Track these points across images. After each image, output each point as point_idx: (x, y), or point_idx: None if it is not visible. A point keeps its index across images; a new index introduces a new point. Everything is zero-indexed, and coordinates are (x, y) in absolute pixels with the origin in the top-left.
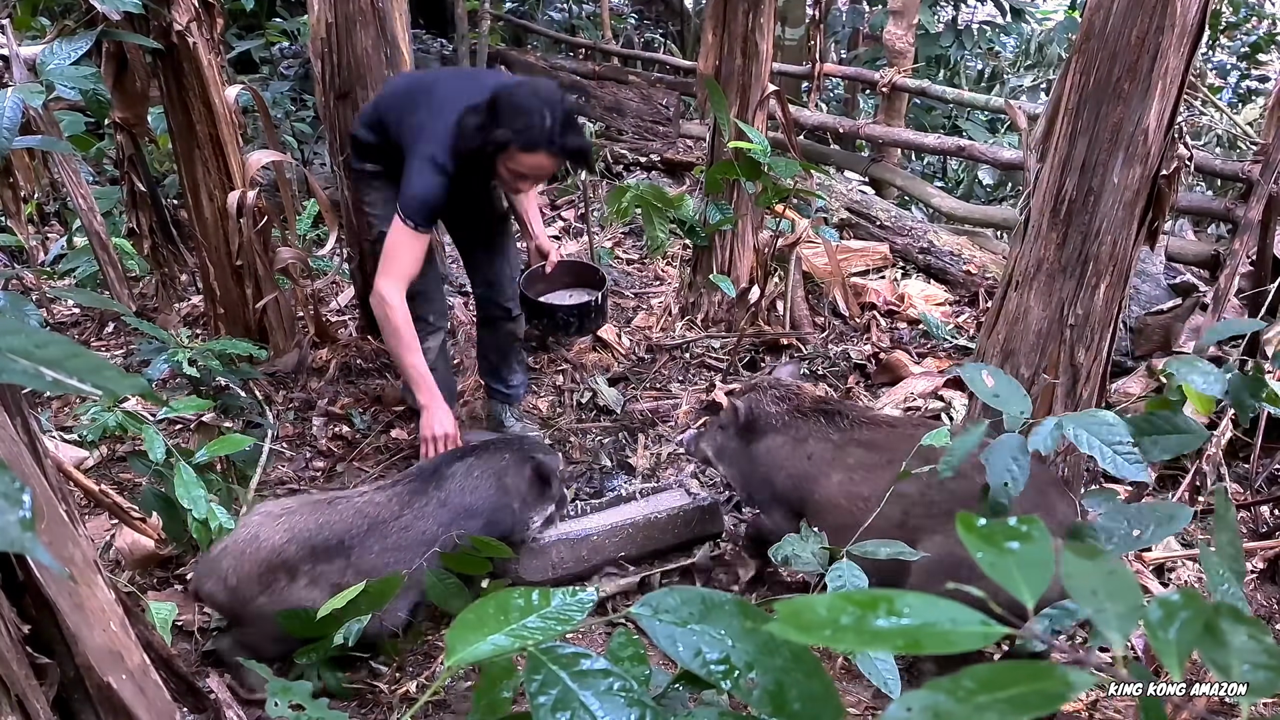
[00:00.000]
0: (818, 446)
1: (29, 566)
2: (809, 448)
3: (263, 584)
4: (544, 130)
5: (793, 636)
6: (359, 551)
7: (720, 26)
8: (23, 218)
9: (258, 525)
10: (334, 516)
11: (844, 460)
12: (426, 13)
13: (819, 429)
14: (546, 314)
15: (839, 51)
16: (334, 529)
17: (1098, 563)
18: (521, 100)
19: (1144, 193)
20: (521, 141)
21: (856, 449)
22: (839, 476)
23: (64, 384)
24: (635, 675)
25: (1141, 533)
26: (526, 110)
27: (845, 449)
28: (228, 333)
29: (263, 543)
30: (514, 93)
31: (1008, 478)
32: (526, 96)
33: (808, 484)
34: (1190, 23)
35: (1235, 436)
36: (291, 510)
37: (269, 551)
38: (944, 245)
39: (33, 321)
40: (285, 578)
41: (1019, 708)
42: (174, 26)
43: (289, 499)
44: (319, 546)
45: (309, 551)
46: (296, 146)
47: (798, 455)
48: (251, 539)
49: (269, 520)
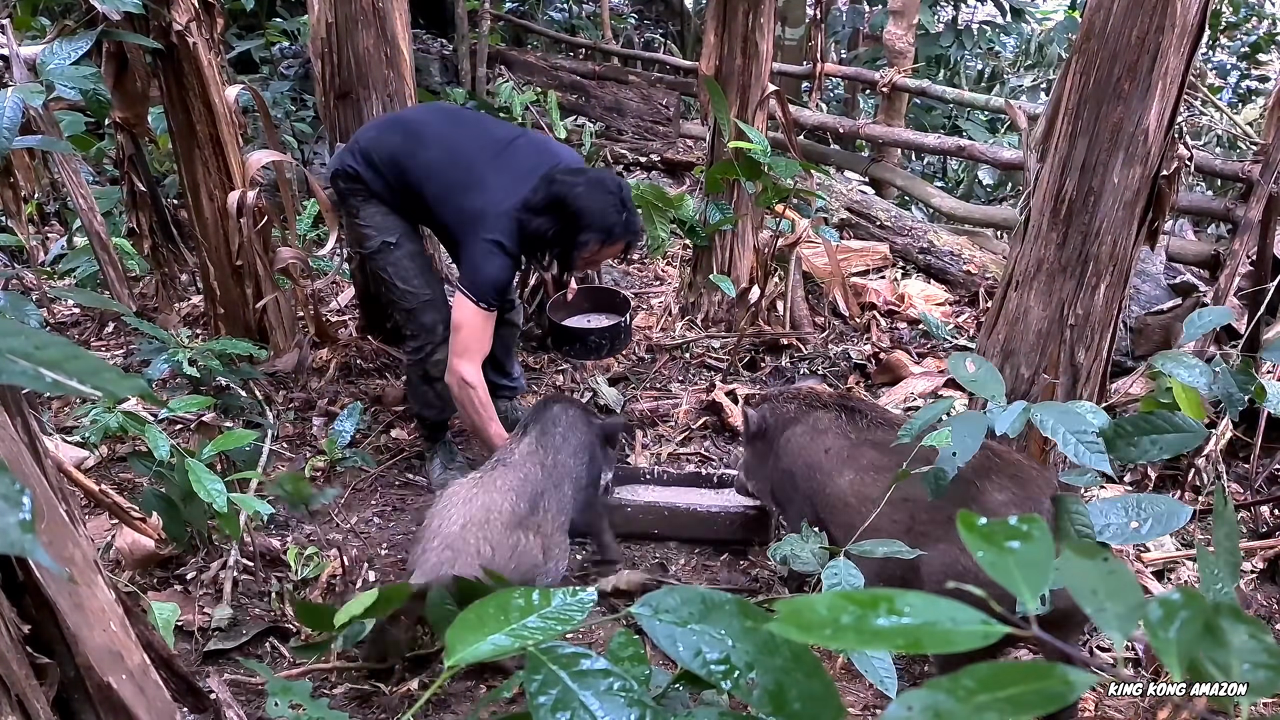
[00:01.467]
0: (835, 442)
1: (29, 567)
2: (826, 441)
3: (512, 545)
4: (622, 224)
5: (793, 636)
6: (546, 498)
7: (720, 26)
8: (23, 218)
9: (473, 503)
10: (515, 477)
11: (858, 460)
12: (426, 13)
13: (838, 424)
14: (579, 339)
15: (839, 51)
16: (526, 487)
17: (1098, 562)
18: (598, 201)
19: (1144, 193)
20: (609, 238)
21: (870, 450)
22: (851, 475)
23: (64, 385)
24: (635, 675)
25: (1140, 526)
26: (606, 209)
27: (860, 448)
28: (228, 333)
29: (496, 510)
30: (587, 192)
31: (957, 449)
32: (600, 194)
33: (821, 477)
34: (1190, 23)
35: (1235, 436)
36: (474, 489)
37: (509, 514)
38: (944, 245)
39: (33, 321)
40: (522, 534)
41: (1019, 707)
42: (174, 26)
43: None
44: (530, 502)
45: (529, 507)
46: (296, 146)
47: (815, 446)
48: (483, 512)
49: (476, 496)
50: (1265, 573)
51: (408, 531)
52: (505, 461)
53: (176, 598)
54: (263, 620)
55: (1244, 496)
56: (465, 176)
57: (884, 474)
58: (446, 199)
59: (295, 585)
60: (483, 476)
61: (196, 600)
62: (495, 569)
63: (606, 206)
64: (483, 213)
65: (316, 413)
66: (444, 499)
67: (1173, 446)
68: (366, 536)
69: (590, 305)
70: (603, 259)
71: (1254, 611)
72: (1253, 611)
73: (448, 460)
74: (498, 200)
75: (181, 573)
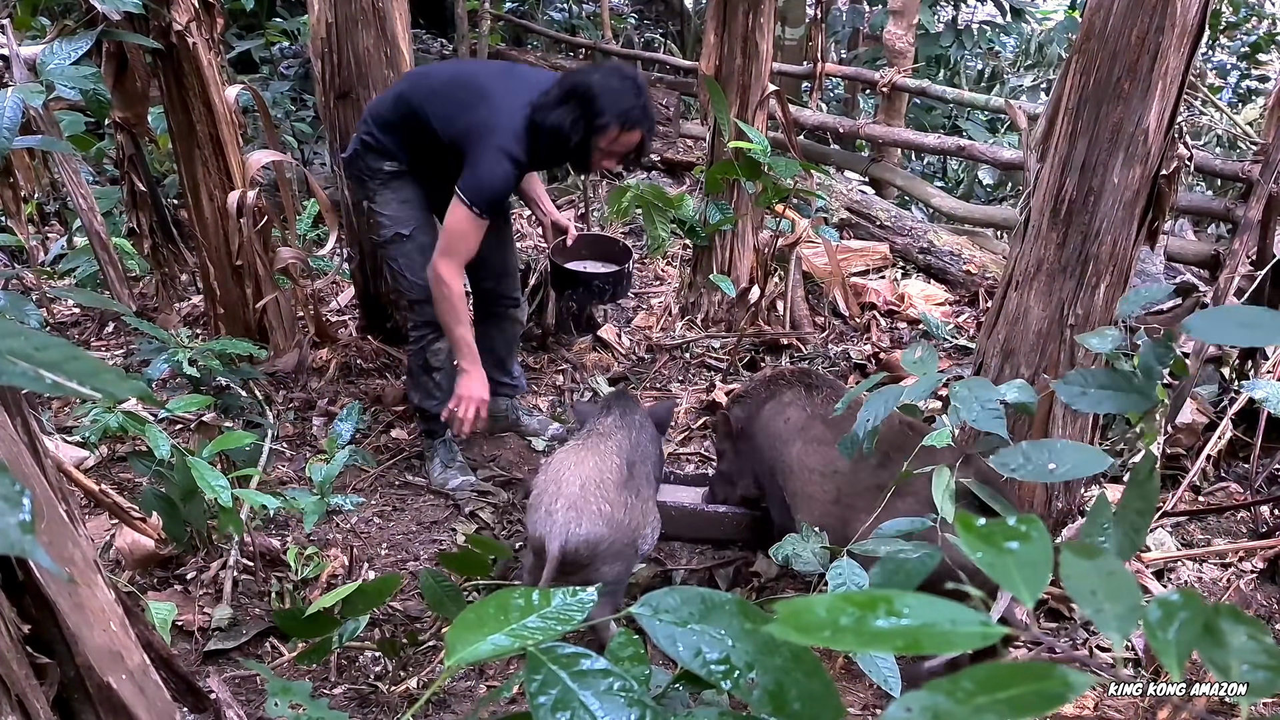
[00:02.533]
0: (794, 413)
1: (29, 567)
2: (788, 413)
3: (624, 503)
4: (639, 108)
5: (792, 638)
6: (638, 468)
7: (721, 26)
8: (23, 218)
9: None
10: (614, 443)
11: (809, 431)
12: (426, 13)
13: (799, 397)
14: (582, 283)
15: (839, 51)
16: (625, 452)
17: (1097, 563)
18: (615, 84)
19: (1144, 193)
20: (626, 122)
21: (819, 424)
22: (799, 445)
23: (64, 387)
24: (635, 675)
25: (1058, 466)
26: (623, 93)
27: (813, 420)
28: (228, 333)
29: (608, 470)
30: (602, 79)
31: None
32: (617, 80)
33: (781, 445)
34: (1190, 23)
35: (1235, 436)
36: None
37: (619, 474)
38: (944, 245)
39: (33, 322)
40: (629, 495)
41: (1018, 708)
42: (174, 26)
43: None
44: (629, 466)
45: (629, 472)
46: (296, 146)
47: (778, 419)
48: (596, 471)
49: (585, 458)
50: (1265, 573)
51: (408, 531)
52: (597, 430)
53: (176, 598)
54: (263, 620)
55: (1244, 496)
56: (473, 95)
57: (823, 446)
58: (454, 117)
59: (295, 585)
60: (582, 442)
61: (196, 600)
62: (615, 526)
63: (624, 90)
64: (492, 123)
65: (316, 413)
66: (551, 465)
67: (1118, 405)
68: (366, 536)
69: (590, 254)
70: (620, 151)
71: (1254, 611)
72: (1253, 611)
73: (448, 460)
74: (509, 110)
75: (181, 573)
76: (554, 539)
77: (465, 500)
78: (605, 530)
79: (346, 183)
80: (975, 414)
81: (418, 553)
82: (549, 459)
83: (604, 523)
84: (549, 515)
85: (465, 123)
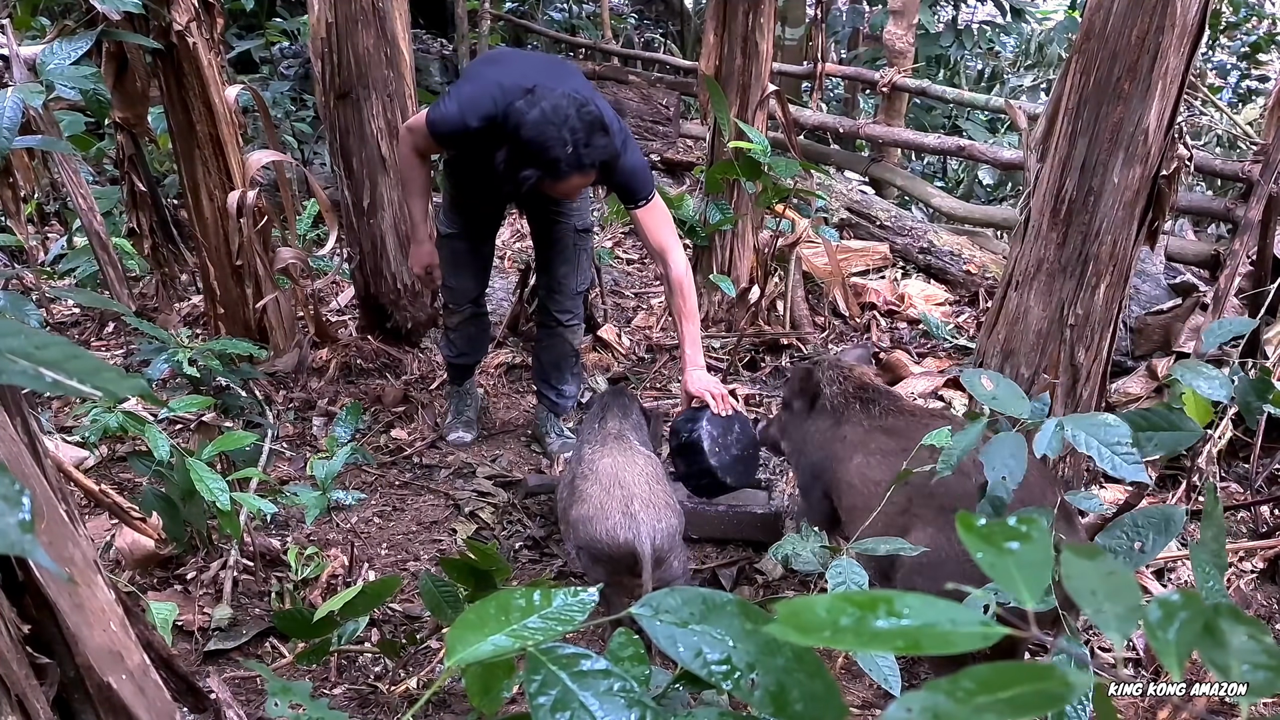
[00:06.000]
0: (851, 430)
1: (29, 567)
2: (844, 430)
3: (677, 496)
4: (568, 157)
5: (792, 638)
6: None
7: (721, 26)
8: (23, 218)
9: (636, 462)
10: (633, 439)
11: (868, 444)
12: (426, 13)
13: (855, 414)
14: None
15: (839, 51)
16: (646, 449)
17: (1097, 563)
18: (536, 134)
19: (1144, 193)
20: (551, 175)
21: (881, 435)
22: (860, 459)
23: (64, 385)
24: (635, 675)
25: (1143, 545)
26: (545, 144)
27: (872, 434)
28: (228, 333)
29: (654, 465)
30: (527, 125)
31: (1005, 472)
32: (541, 127)
33: (835, 464)
34: (1190, 23)
35: (1235, 436)
36: (618, 453)
37: (656, 466)
38: (944, 245)
39: (33, 321)
40: (670, 485)
41: (1019, 708)
42: (174, 26)
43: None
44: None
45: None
46: (296, 146)
47: (835, 436)
48: (648, 468)
49: (630, 455)
50: (1265, 573)
51: (408, 531)
52: (611, 433)
53: (176, 598)
54: (263, 620)
55: (1244, 496)
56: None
57: (888, 457)
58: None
59: (295, 585)
60: (608, 445)
61: (196, 600)
62: (680, 515)
63: (551, 141)
64: (500, 80)
65: (316, 413)
66: (597, 472)
67: (1169, 444)
68: (366, 536)
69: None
70: (559, 194)
71: (1254, 611)
72: (1253, 611)
73: (458, 409)
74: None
75: (181, 573)
76: (644, 539)
77: (465, 500)
78: (678, 520)
79: (347, 182)
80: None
81: (418, 553)
82: (578, 468)
83: (674, 514)
84: (631, 518)
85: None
